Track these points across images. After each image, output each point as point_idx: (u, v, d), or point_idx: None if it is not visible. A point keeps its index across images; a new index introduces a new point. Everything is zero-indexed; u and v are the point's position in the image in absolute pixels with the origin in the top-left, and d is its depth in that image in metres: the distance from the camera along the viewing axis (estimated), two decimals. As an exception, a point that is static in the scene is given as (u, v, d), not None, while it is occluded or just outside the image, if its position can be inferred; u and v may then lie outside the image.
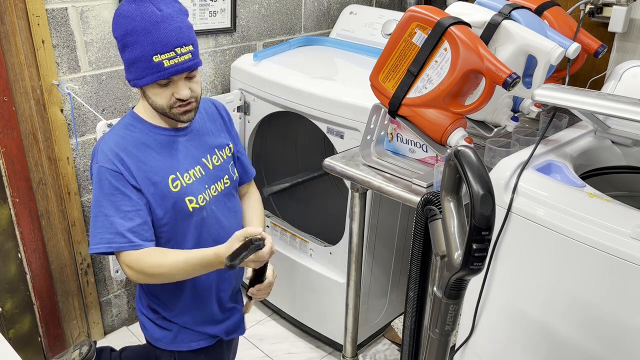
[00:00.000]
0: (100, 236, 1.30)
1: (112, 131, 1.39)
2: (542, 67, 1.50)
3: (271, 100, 2.12)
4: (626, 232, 1.16)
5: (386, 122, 1.70)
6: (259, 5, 2.38)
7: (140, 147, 1.36)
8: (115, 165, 1.31)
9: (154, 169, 1.36)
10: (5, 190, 1.88)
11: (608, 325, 1.21)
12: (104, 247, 1.30)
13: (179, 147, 1.41)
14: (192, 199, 1.40)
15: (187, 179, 1.40)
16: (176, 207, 1.38)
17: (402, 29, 1.50)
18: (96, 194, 1.32)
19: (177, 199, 1.37)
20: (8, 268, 1.97)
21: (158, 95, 1.33)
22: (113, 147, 1.33)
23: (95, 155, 1.35)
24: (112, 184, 1.31)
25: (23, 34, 1.76)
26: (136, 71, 1.31)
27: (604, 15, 2.05)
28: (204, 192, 1.42)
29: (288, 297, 2.34)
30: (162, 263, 1.32)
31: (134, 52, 1.29)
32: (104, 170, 1.31)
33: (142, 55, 1.28)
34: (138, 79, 1.32)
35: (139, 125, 1.39)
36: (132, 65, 1.31)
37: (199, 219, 1.42)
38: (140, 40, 1.27)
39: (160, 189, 1.35)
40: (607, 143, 1.60)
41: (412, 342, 1.36)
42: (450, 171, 1.01)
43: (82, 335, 2.25)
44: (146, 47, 1.27)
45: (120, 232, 1.30)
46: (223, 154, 1.51)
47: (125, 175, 1.32)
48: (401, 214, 2.10)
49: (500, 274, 1.41)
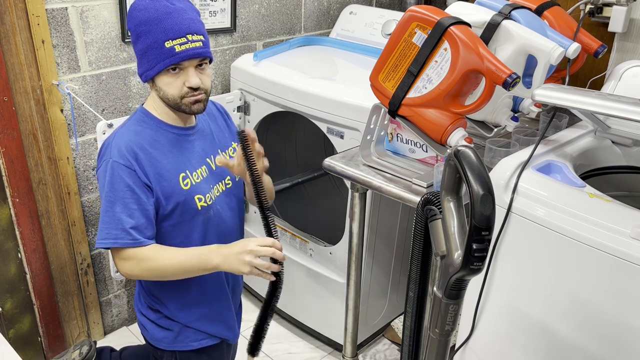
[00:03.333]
0: (107, 231, 1.32)
1: (124, 127, 1.39)
2: (542, 67, 1.50)
3: (271, 100, 2.12)
4: (626, 232, 1.16)
5: (386, 122, 1.70)
6: (259, 5, 2.38)
7: (153, 143, 1.37)
8: (129, 161, 1.32)
9: (166, 166, 1.37)
10: (5, 190, 1.88)
11: (608, 325, 1.21)
12: (111, 242, 1.32)
13: (187, 146, 1.43)
14: (200, 197, 1.41)
15: (196, 178, 1.42)
16: (185, 205, 1.39)
17: (402, 29, 1.50)
18: (107, 188, 1.32)
19: (187, 196, 1.39)
20: (8, 268, 1.97)
21: (169, 85, 1.34)
22: (128, 142, 1.34)
23: (107, 149, 1.35)
24: (124, 181, 1.31)
25: (23, 34, 1.76)
26: (148, 61, 1.32)
27: (604, 15, 2.05)
28: (210, 191, 1.44)
29: (288, 297, 2.34)
30: (161, 261, 1.33)
31: (146, 40, 1.31)
32: (117, 165, 1.32)
33: (154, 42, 1.30)
34: (150, 68, 1.32)
35: (150, 122, 1.40)
36: (145, 54, 1.32)
37: (206, 218, 1.43)
38: (153, 29, 1.30)
39: (171, 186, 1.37)
40: (607, 143, 1.60)
41: (412, 342, 1.36)
42: (450, 171, 1.01)
43: (82, 335, 2.25)
44: (158, 34, 1.30)
45: (126, 229, 1.31)
46: (226, 155, 1.52)
47: (137, 173, 1.32)
48: (401, 214, 2.10)
49: (500, 274, 1.41)
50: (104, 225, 1.32)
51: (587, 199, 1.27)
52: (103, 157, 1.36)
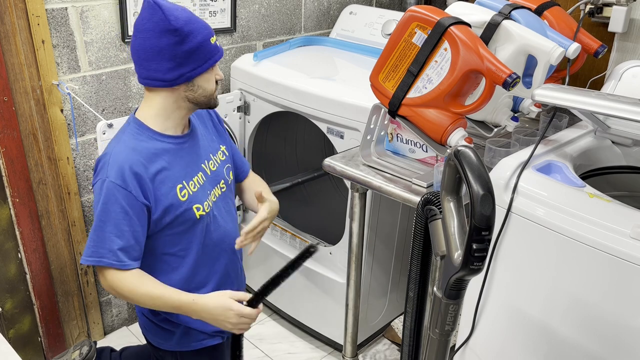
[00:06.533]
0: (94, 249, 1.31)
1: (121, 143, 1.35)
2: (542, 67, 1.50)
3: (271, 100, 2.12)
4: (626, 232, 1.16)
5: (386, 122, 1.70)
6: (259, 5, 2.38)
7: (151, 158, 1.34)
8: (126, 182, 1.29)
9: (164, 180, 1.35)
10: (5, 190, 1.88)
11: (608, 325, 1.21)
12: (94, 260, 1.32)
13: (183, 155, 1.41)
14: (199, 207, 1.40)
15: (193, 187, 1.40)
16: (185, 216, 1.38)
17: (402, 29, 1.50)
18: (101, 207, 1.30)
19: (186, 207, 1.38)
20: (8, 268, 1.97)
21: (209, 82, 1.36)
22: (126, 162, 1.31)
23: (104, 167, 1.32)
24: (119, 202, 1.29)
25: (23, 34, 1.76)
26: (197, 59, 1.32)
27: (604, 15, 2.05)
28: (207, 199, 1.43)
29: (288, 297, 2.34)
30: (137, 289, 1.34)
31: (196, 38, 1.30)
32: (112, 186, 1.29)
33: (203, 40, 1.31)
34: (199, 66, 1.32)
35: (146, 133, 1.37)
36: (193, 54, 1.31)
37: (204, 225, 1.43)
38: (199, 27, 1.31)
39: (169, 200, 1.35)
40: (607, 143, 1.60)
41: (412, 342, 1.36)
42: (450, 171, 1.01)
43: (82, 336, 2.25)
44: (204, 32, 1.32)
45: (113, 249, 1.31)
46: (217, 158, 1.51)
47: (133, 193, 1.30)
48: (401, 214, 2.10)
49: (500, 274, 1.41)
50: (92, 243, 1.32)
51: (587, 199, 1.27)
52: (99, 174, 1.33)
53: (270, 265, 2.31)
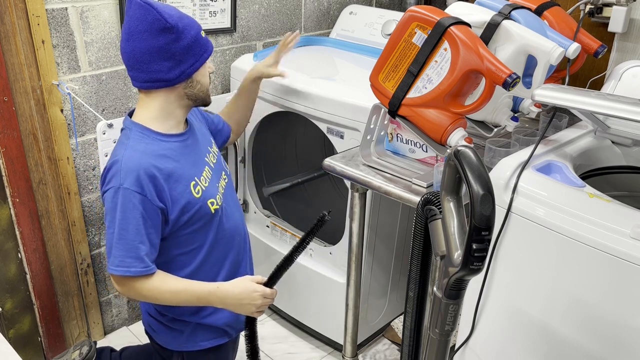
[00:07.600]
0: (121, 259, 1.30)
1: (129, 148, 1.32)
2: (542, 67, 1.50)
3: (271, 100, 2.12)
4: (626, 232, 1.16)
5: (386, 122, 1.70)
6: (259, 5, 2.38)
7: (162, 159, 1.33)
8: (142, 187, 1.28)
9: (178, 179, 1.35)
10: (5, 190, 1.88)
11: (608, 325, 1.21)
12: (123, 270, 1.30)
13: (188, 152, 1.41)
14: (213, 201, 1.41)
15: (204, 182, 1.40)
16: (200, 212, 1.38)
17: (402, 29, 1.50)
18: (120, 215, 1.28)
19: (201, 203, 1.38)
20: (8, 268, 1.97)
21: (204, 76, 1.38)
22: (140, 165, 1.29)
23: (116, 175, 1.29)
24: (137, 207, 1.28)
25: (23, 34, 1.76)
26: (193, 54, 1.32)
27: (604, 15, 2.05)
28: (217, 192, 1.44)
29: (288, 297, 2.34)
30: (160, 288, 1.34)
31: (190, 33, 1.31)
32: (128, 192, 1.27)
33: (196, 34, 1.32)
34: (196, 60, 1.33)
35: (151, 135, 1.35)
36: (190, 49, 1.31)
37: (218, 219, 1.44)
38: (190, 21, 1.32)
39: (186, 198, 1.35)
40: (607, 143, 1.60)
41: (412, 342, 1.36)
42: (450, 171, 1.01)
43: (82, 335, 2.25)
44: (195, 26, 1.32)
45: (140, 256, 1.30)
46: (213, 150, 1.53)
47: (149, 198, 1.29)
48: (401, 214, 2.10)
49: (500, 274, 1.41)
50: (118, 253, 1.30)
51: (587, 199, 1.27)
52: (110, 182, 1.30)
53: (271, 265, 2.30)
